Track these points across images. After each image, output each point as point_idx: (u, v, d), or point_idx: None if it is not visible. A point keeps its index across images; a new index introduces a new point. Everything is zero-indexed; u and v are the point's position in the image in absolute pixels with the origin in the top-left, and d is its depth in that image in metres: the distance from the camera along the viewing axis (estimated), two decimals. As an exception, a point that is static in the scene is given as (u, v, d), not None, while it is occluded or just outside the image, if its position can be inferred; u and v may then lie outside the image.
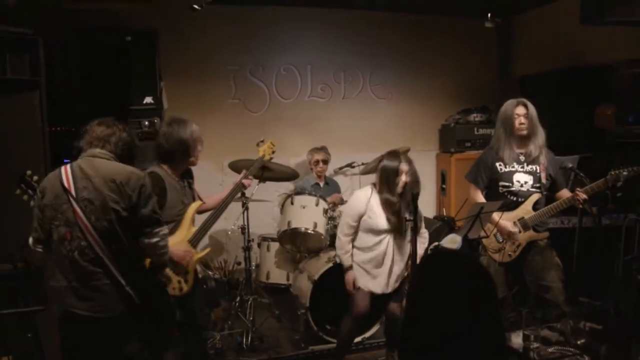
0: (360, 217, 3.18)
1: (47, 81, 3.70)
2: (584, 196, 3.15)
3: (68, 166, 2.25)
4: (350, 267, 3.24)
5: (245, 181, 3.33)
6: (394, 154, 3.16)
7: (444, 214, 5.58)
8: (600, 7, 3.58)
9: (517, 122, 3.30)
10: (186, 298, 2.87)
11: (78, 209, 2.16)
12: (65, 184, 2.18)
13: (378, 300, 3.29)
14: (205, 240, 5.19)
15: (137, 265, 2.35)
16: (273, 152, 3.60)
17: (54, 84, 4.02)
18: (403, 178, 3.05)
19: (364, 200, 3.17)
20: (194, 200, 3.04)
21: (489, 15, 5.29)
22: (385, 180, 3.11)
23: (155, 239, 2.30)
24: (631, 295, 3.37)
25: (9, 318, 2.98)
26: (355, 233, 3.24)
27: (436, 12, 5.68)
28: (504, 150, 3.35)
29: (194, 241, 2.96)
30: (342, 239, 3.27)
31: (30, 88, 3.60)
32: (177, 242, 2.81)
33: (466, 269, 1.34)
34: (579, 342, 2.41)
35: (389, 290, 3.26)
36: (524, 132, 3.30)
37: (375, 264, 3.20)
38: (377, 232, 3.16)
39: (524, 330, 2.38)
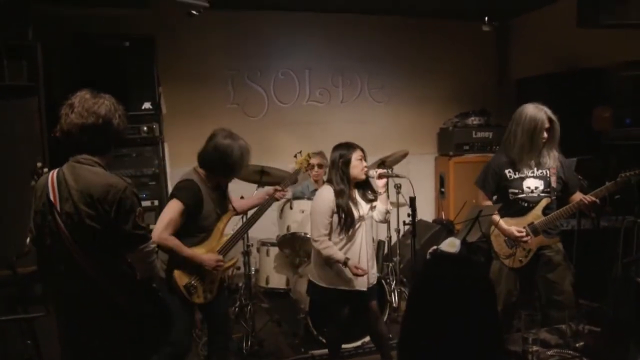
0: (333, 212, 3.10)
1: (45, 86, 3.71)
2: (591, 199, 3.09)
3: (55, 174, 2.15)
4: (347, 259, 3.09)
5: (278, 194, 3.32)
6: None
7: (443, 217, 5.59)
8: (596, 10, 3.59)
9: (544, 134, 3.20)
10: (209, 305, 2.93)
11: (61, 223, 2.08)
12: (51, 196, 2.10)
13: (356, 302, 3.25)
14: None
15: (125, 277, 2.26)
16: (308, 164, 3.64)
17: (52, 89, 4.02)
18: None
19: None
20: (227, 209, 3.03)
21: (486, 18, 5.32)
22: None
23: (139, 256, 2.22)
24: (630, 297, 3.37)
25: (8, 325, 2.98)
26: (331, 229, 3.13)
27: (434, 15, 5.70)
28: (524, 159, 3.24)
29: (223, 251, 2.96)
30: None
31: (28, 94, 3.62)
32: (207, 252, 2.85)
33: (463, 271, 1.35)
34: (578, 345, 2.40)
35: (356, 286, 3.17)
36: (544, 142, 3.23)
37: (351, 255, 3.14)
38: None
39: (523, 333, 2.37)
